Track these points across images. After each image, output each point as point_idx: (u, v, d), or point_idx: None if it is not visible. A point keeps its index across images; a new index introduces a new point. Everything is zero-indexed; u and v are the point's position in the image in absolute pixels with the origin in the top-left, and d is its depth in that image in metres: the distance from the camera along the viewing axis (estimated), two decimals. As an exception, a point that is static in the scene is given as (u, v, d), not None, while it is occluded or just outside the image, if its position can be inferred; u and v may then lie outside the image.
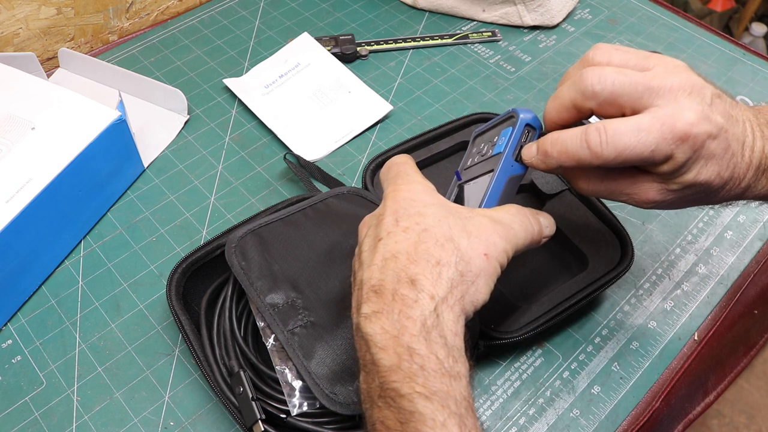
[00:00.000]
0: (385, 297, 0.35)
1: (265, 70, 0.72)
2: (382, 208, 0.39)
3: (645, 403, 0.50)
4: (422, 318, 0.34)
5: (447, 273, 0.35)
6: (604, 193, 0.41)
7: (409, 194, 0.39)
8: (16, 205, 0.50)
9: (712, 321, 0.55)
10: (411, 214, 0.38)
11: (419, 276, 0.35)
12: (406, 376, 0.32)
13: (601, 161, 0.37)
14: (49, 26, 0.72)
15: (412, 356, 0.33)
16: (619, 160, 0.37)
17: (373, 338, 0.34)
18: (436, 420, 0.31)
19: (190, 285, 0.51)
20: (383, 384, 0.33)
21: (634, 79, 0.37)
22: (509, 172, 0.42)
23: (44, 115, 0.56)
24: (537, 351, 0.52)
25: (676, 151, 0.36)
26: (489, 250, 0.37)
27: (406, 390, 0.32)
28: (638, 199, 0.40)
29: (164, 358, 0.51)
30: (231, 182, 0.63)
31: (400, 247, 0.36)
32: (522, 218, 0.40)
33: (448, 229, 0.37)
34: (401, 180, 0.41)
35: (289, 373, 0.45)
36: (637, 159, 0.36)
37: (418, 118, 0.69)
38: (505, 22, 0.80)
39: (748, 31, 1.68)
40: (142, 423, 0.48)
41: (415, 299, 0.34)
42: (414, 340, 0.33)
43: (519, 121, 0.42)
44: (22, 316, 0.54)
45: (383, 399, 0.33)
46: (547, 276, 0.54)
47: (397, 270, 0.35)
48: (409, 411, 0.32)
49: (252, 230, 0.50)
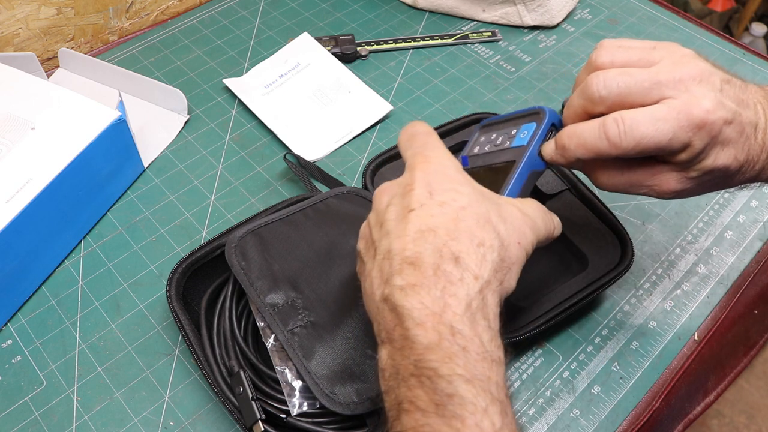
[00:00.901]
0: (425, 271, 0.33)
1: (265, 70, 0.72)
2: (410, 177, 0.37)
3: (645, 403, 0.50)
4: (468, 298, 0.32)
5: (491, 256, 0.34)
6: (624, 186, 0.41)
7: (440, 168, 0.37)
8: (16, 205, 0.50)
9: (712, 321, 0.55)
10: (446, 189, 0.36)
11: (462, 254, 0.33)
12: (445, 356, 0.31)
13: (620, 151, 0.37)
14: (49, 26, 0.72)
15: (454, 336, 0.31)
16: (638, 150, 0.37)
17: (411, 312, 0.32)
18: (477, 405, 0.30)
19: (190, 285, 0.51)
20: (419, 362, 0.31)
21: (639, 78, 0.37)
22: (532, 165, 0.43)
23: (44, 115, 0.56)
24: (537, 351, 0.52)
25: (693, 139, 0.36)
26: (521, 239, 0.36)
27: (445, 371, 0.31)
28: (659, 190, 0.40)
29: (164, 358, 0.51)
30: (231, 182, 0.63)
31: (438, 221, 0.34)
32: (543, 214, 0.40)
33: (485, 211, 0.35)
34: (430, 152, 0.38)
35: (289, 373, 0.45)
36: (656, 148, 0.37)
37: (418, 119, 0.69)
38: (505, 22, 0.80)
39: (748, 31, 1.68)
40: (142, 423, 0.48)
41: (460, 277, 0.33)
42: (457, 319, 0.32)
43: (547, 117, 0.43)
44: (22, 316, 0.54)
45: (417, 378, 0.31)
46: (547, 276, 0.54)
47: (438, 245, 0.34)
48: (447, 393, 0.30)
49: (252, 230, 0.50)
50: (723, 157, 0.37)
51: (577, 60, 0.76)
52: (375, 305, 0.35)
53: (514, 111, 0.47)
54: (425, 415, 0.31)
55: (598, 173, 0.42)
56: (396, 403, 0.32)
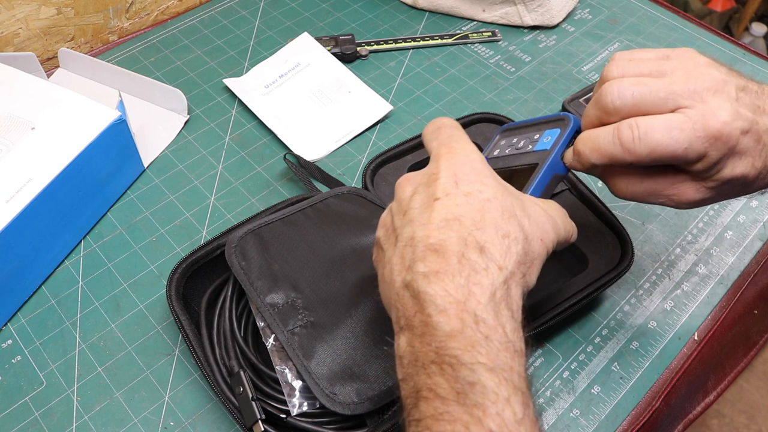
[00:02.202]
0: (449, 259, 0.33)
1: (265, 70, 0.72)
2: (435, 167, 0.37)
3: (645, 403, 0.50)
4: (492, 288, 0.32)
5: (515, 248, 0.34)
6: (643, 194, 0.41)
7: (466, 159, 0.37)
8: (16, 205, 0.50)
9: (712, 321, 0.55)
10: (472, 180, 0.36)
11: (488, 244, 0.33)
12: (468, 344, 0.31)
13: (634, 158, 0.37)
14: (49, 26, 0.72)
15: (477, 324, 0.31)
16: (652, 157, 0.37)
17: (434, 299, 0.32)
18: (499, 395, 0.30)
19: (190, 285, 0.51)
20: (440, 349, 0.31)
21: (654, 87, 0.37)
22: (555, 169, 0.43)
23: (44, 115, 0.56)
24: (537, 351, 0.52)
25: (710, 150, 0.36)
26: (544, 236, 0.37)
27: (467, 359, 0.30)
28: (678, 200, 0.40)
29: (164, 358, 0.51)
30: (231, 182, 0.63)
31: (463, 210, 0.34)
32: (564, 217, 0.40)
33: (510, 205, 0.36)
34: (456, 144, 0.38)
35: (289, 373, 0.45)
36: (671, 157, 0.37)
37: (418, 118, 0.69)
38: (505, 22, 0.80)
39: (748, 31, 1.68)
40: (142, 423, 0.48)
41: (484, 267, 0.33)
42: (481, 308, 0.32)
43: (572, 124, 0.43)
44: (22, 316, 0.54)
45: (438, 365, 0.31)
46: (547, 276, 0.53)
47: (463, 233, 0.34)
48: (469, 381, 0.30)
49: (252, 230, 0.50)
50: (741, 167, 0.37)
51: (577, 60, 0.76)
52: (395, 292, 0.35)
53: (537, 117, 0.48)
54: (445, 403, 0.30)
55: (616, 180, 0.42)
56: (414, 390, 0.32)
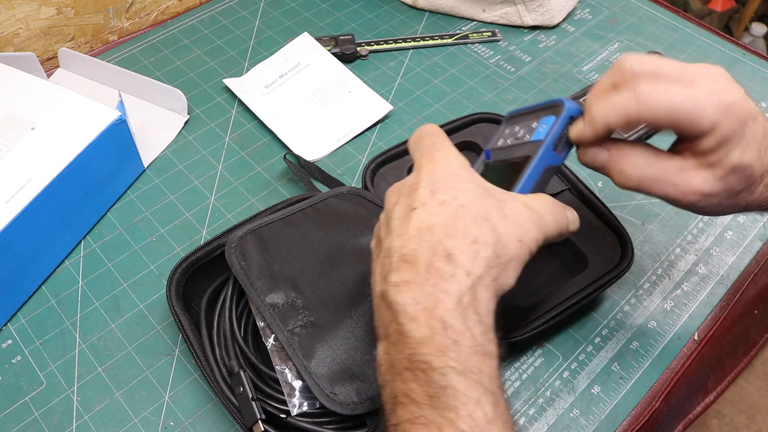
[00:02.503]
0: (418, 268, 0.34)
1: (265, 70, 0.72)
2: (416, 177, 0.38)
3: (645, 403, 0.50)
4: (459, 294, 0.33)
5: (484, 252, 0.34)
6: (649, 180, 0.40)
7: (446, 167, 0.38)
8: (16, 205, 0.50)
9: (712, 321, 0.55)
10: (448, 188, 0.37)
11: (456, 251, 0.34)
12: (438, 350, 0.32)
13: (651, 114, 0.37)
14: (49, 26, 0.72)
15: (446, 330, 0.32)
16: (669, 115, 0.36)
17: (404, 308, 0.33)
18: (469, 396, 0.31)
19: (190, 285, 0.51)
20: (412, 356, 0.32)
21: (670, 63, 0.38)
22: (547, 161, 0.42)
23: (44, 115, 0.56)
24: (537, 351, 0.52)
25: (722, 120, 0.36)
26: (523, 236, 0.36)
27: (438, 363, 0.31)
28: (684, 189, 0.39)
29: (164, 358, 0.51)
30: (231, 182, 0.63)
31: (436, 219, 0.35)
32: (554, 209, 0.39)
33: (485, 209, 0.36)
34: (437, 151, 0.39)
35: (289, 373, 0.45)
36: (686, 118, 0.36)
37: (418, 118, 0.69)
38: (505, 22, 0.80)
39: (748, 31, 1.68)
40: (142, 423, 0.48)
41: (451, 274, 0.34)
42: (449, 314, 0.33)
43: (565, 110, 0.41)
44: (22, 316, 0.54)
45: (411, 371, 0.32)
46: (547, 276, 0.54)
47: (433, 242, 0.35)
48: (440, 385, 0.31)
49: (252, 230, 0.50)
50: (749, 155, 0.37)
51: (577, 60, 0.76)
52: (375, 302, 0.36)
53: (538, 102, 0.45)
54: (420, 407, 0.31)
55: (624, 164, 0.40)
56: (392, 396, 0.33)
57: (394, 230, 0.37)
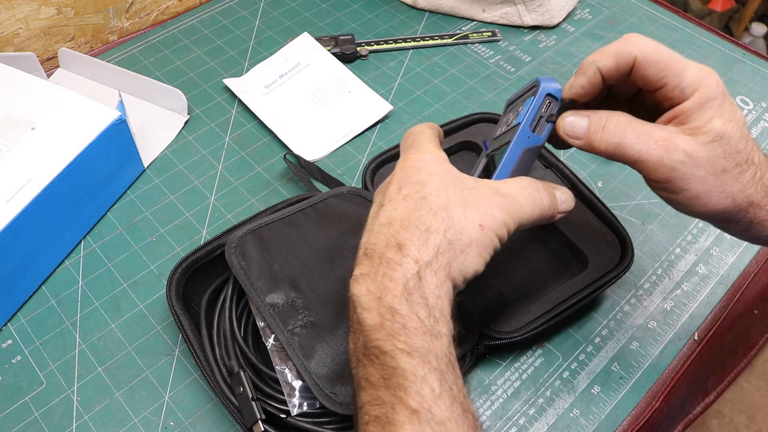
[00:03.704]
0: (374, 260, 0.37)
1: (265, 70, 0.72)
2: (392, 176, 0.41)
3: (645, 403, 0.50)
4: (404, 280, 0.35)
5: (434, 239, 0.36)
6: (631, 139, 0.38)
7: (416, 163, 0.40)
8: (16, 205, 0.50)
9: (712, 321, 0.55)
10: (413, 182, 0.39)
11: (407, 241, 0.36)
12: (388, 335, 0.34)
13: (640, 53, 0.38)
14: (49, 26, 0.72)
15: (394, 316, 0.34)
16: (656, 57, 0.38)
17: (360, 299, 0.36)
18: (416, 374, 0.32)
19: (190, 285, 0.51)
20: (367, 342, 0.35)
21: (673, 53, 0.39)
22: (525, 143, 0.41)
23: (44, 115, 0.56)
24: (537, 351, 0.52)
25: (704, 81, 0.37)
26: (485, 221, 0.37)
27: (388, 347, 0.33)
28: (667, 145, 0.37)
29: (164, 358, 0.51)
30: (231, 182, 0.63)
31: (397, 214, 0.38)
32: (531, 191, 0.39)
33: (445, 199, 0.37)
34: (413, 149, 0.42)
35: (289, 373, 0.45)
36: (671, 69, 0.38)
37: (418, 118, 0.69)
38: (505, 22, 0.80)
39: (748, 31, 1.68)
40: (142, 423, 0.48)
41: (399, 263, 0.36)
42: (396, 300, 0.34)
43: (540, 90, 0.41)
44: (22, 316, 0.54)
45: (367, 357, 0.34)
46: (547, 276, 0.54)
47: (388, 235, 0.37)
48: (391, 367, 0.33)
49: (252, 230, 0.50)
50: (731, 127, 0.37)
51: (577, 60, 0.76)
52: None
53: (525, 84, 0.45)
54: (376, 389, 0.33)
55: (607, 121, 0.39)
56: (357, 382, 0.35)
57: (366, 227, 0.39)
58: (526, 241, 0.56)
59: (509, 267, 0.54)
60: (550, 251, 0.55)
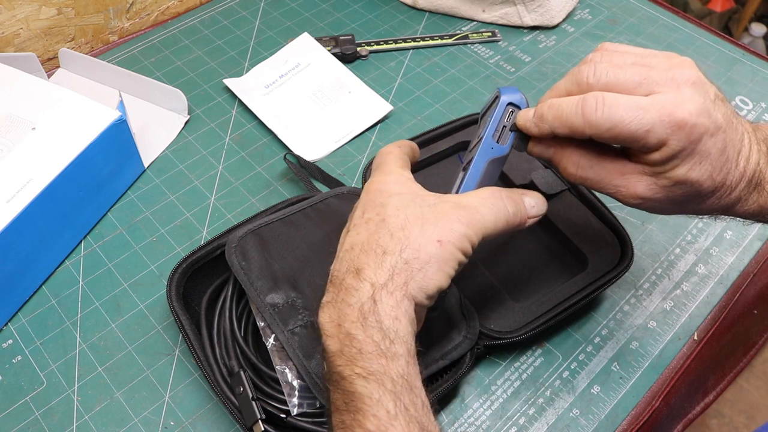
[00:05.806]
0: (336, 286, 0.37)
1: (265, 70, 0.72)
2: (358, 200, 0.41)
3: (645, 403, 0.50)
4: (359, 304, 0.35)
5: (390, 261, 0.36)
6: (592, 181, 0.40)
7: (379, 185, 0.40)
8: (16, 205, 0.50)
9: (711, 321, 0.55)
10: (375, 205, 0.39)
11: (364, 265, 0.36)
12: (347, 360, 0.34)
13: (594, 131, 0.36)
14: (49, 26, 0.72)
15: (351, 341, 0.35)
16: (612, 134, 0.36)
17: (324, 326, 0.36)
18: (372, 397, 0.33)
19: (190, 285, 0.51)
20: (330, 368, 0.35)
21: (631, 71, 0.37)
22: (489, 154, 0.42)
23: (45, 115, 0.56)
24: (537, 351, 0.52)
25: (671, 138, 0.35)
26: (444, 236, 0.37)
27: (347, 372, 0.34)
28: (625, 193, 0.39)
29: (164, 358, 0.51)
30: (231, 182, 0.63)
31: (358, 238, 0.38)
32: (494, 201, 0.39)
33: (404, 219, 0.38)
34: (377, 171, 0.42)
35: (289, 373, 0.45)
36: (631, 137, 0.35)
37: (418, 118, 0.69)
38: (505, 23, 0.80)
39: (747, 31, 1.68)
40: (142, 423, 0.48)
41: (356, 288, 0.36)
42: (353, 326, 0.35)
43: (500, 101, 0.41)
44: (23, 316, 0.54)
45: (331, 383, 0.35)
46: (547, 276, 0.54)
47: (349, 261, 0.37)
48: (350, 391, 0.34)
49: (252, 230, 0.50)
50: (698, 171, 0.36)
51: (577, 60, 0.76)
52: None
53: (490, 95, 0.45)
54: (341, 413, 0.34)
55: (567, 162, 0.40)
56: (328, 407, 0.36)
57: (336, 254, 0.40)
58: (526, 241, 0.56)
59: (509, 267, 0.54)
60: (550, 251, 0.55)
